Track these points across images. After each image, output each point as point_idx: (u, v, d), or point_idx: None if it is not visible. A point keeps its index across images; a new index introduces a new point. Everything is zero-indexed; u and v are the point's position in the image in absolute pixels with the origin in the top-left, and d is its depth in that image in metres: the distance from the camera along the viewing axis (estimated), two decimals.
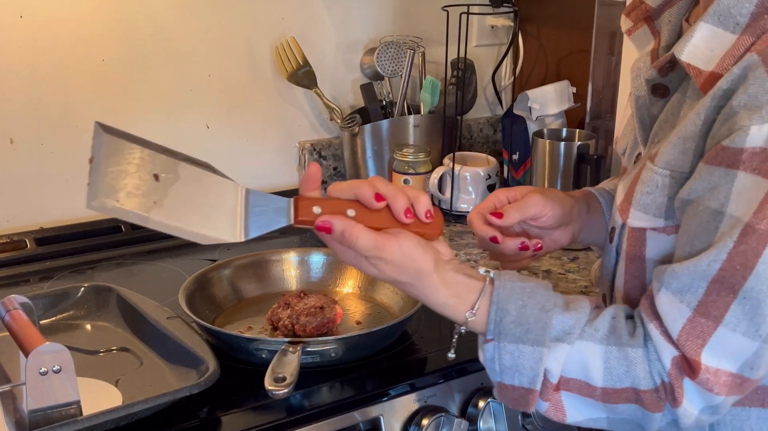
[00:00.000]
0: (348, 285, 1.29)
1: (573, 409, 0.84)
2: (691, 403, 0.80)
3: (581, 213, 1.04)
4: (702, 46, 0.81)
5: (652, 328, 0.82)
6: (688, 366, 0.80)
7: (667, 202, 0.85)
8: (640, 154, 0.93)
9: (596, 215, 1.05)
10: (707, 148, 0.80)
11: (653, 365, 0.81)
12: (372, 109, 1.71)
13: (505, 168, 1.71)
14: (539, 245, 0.99)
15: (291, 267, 1.30)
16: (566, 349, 0.83)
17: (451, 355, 0.91)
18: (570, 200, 1.02)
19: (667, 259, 0.86)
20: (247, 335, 1.13)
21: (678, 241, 0.83)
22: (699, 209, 0.79)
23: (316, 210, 0.84)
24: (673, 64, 0.86)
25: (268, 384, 0.95)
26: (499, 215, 0.97)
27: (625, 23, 0.96)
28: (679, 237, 0.83)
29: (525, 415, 1.13)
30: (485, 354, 0.85)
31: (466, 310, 0.85)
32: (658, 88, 0.89)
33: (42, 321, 1.11)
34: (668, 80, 0.88)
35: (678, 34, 0.90)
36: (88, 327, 1.17)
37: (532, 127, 1.73)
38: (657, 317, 0.82)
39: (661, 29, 0.90)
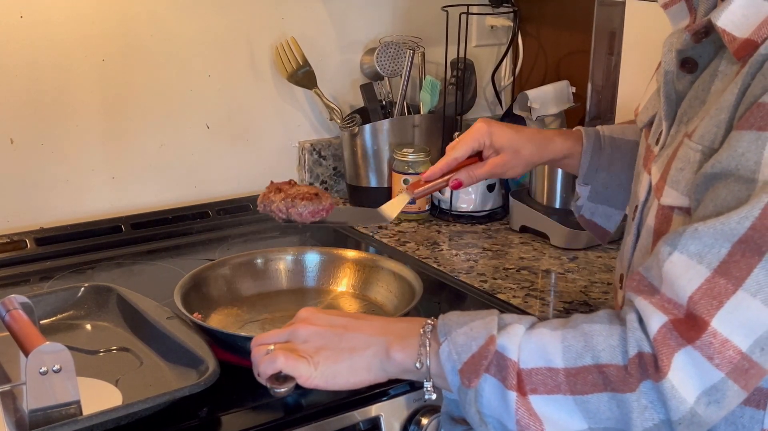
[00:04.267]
0: (342, 284, 1.29)
1: (547, 414, 0.80)
2: (682, 382, 0.74)
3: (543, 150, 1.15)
4: (738, 13, 0.81)
5: (640, 300, 0.79)
6: (690, 327, 0.75)
7: (694, 179, 0.83)
8: (662, 132, 0.92)
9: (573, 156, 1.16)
10: (738, 114, 0.78)
11: (631, 334, 0.77)
12: (372, 109, 1.72)
13: None
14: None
15: (286, 266, 1.30)
16: (520, 329, 0.82)
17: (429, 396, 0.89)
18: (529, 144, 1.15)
19: None
20: (245, 334, 1.13)
21: (700, 212, 0.79)
22: (729, 181, 0.77)
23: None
24: (708, 32, 0.85)
25: (270, 382, 0.93)
26: (457, 186, 1.14)
27: None
28: (703, 207, 0.79)
29: None
30: (441, 356, 0.84)
31: (420, 326, 0.88)
32: (687, 62, 0.88)
33: (42, 321, 1.11)
34: (698, 54, 0.87)
35: None
36: (88, 327, 1.17)
37: (531, 127, 1.73)
38: (649, 290, 0.79)
39: (698, 6, 0.89)
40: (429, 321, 0.89)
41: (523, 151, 1.14)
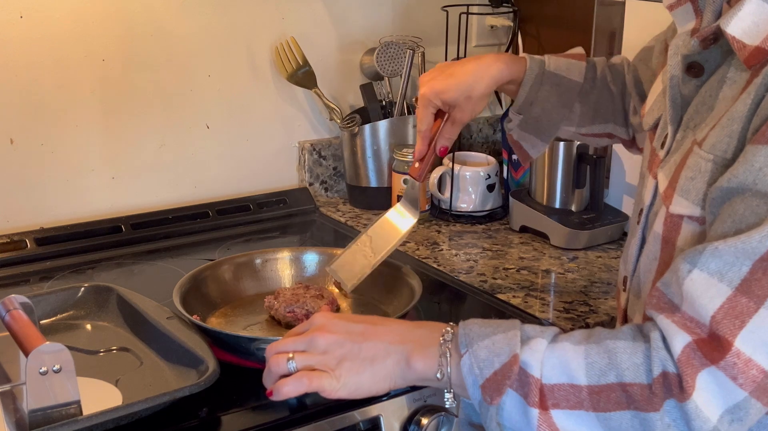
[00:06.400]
0: None
1: (569, 429, 0.80)
2: (706, 401, 0.75)
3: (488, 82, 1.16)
4: (748, 20, 0.80)
5: (663, 318, 0.79)
6: (713, 348, 0.74)
7: (706, 188, 0.82)
8: (667, 135, 0.92)
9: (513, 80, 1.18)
10: (753, 127, 0.78)
11: (655, 353, 0.77)
12: (372, 109, 1.72)
13: (505, 168, 1.71)
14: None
15: (285, 266, 1.30)
16: (542, 344, 0.82)
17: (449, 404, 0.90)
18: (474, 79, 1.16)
19: None
20: (247, 335, 1.13)
21: (717, 227, 0.79)
22: (747, 196, 0.76)
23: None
24: (716, 38, 0.85)
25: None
26: (444, 152, 1.19)
27: None
28: (720, 222, 0.79)
29: None
30: (463, 368, 0.84)
31: (440, 333, 0.88)
32: (693, 67, 0.88)
33: (42, 321, 1.11)
34: (705, 58, 0.87)
35: (720, 16, 0.87)
36: (88, 327, 1.17)
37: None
38: (670, 308, 0.79)
39: (705, 8, 0.88)
40: (448, 327, 0.89)
41: (473, 93, 1.15)
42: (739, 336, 0.74)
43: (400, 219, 1.22)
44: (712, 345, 0.75)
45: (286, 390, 0.89)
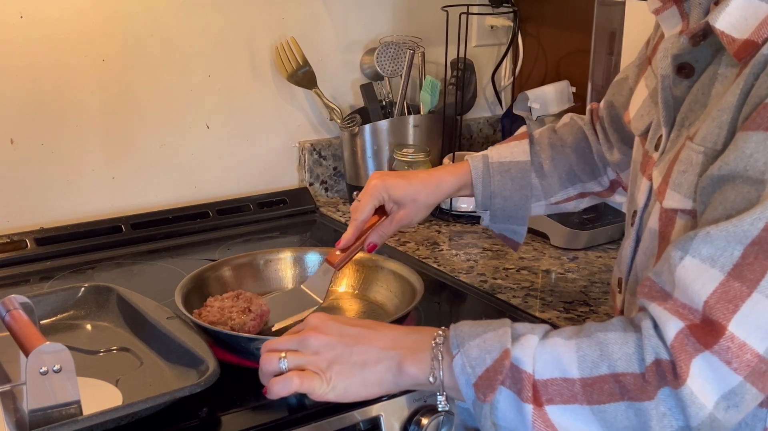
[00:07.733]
0: (343, 284, 1.29)
1: (564, 424, 0.80)
2: (701, 387, 0.74)
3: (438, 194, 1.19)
4: (736, 14, 0.80)
5: (655, 306, 0.79)
6: (707, 333, 0.74)
7: (697, 181, 0.82)
8: (661, 137, 0.92)
9: (464, 191, 1.21)
10: (743, 115, 0.78)
11: (647, 341, 0.77)
12: (372, 109, 1.72)
13: None
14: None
15: (287, 267, 1.30)
16: (534, 340, 0.82)
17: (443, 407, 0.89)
18: (423, 193, 1.18)
19: None
20: (247, 335, 1.13)
21: (709, 214, 0.79)
22: (737, 182, 0.76)
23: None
24: (705, 35, 0.85)
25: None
26: (371, 249, 1.18)
27: (652, 3, 0.93)
28: (711, 209, 0.79)
29: None
30: (455, 369, 0.84)
31: (432, 338, 0.88)
32: (683, 68, 0.88)
33: (42, 321, 1.11)
34: (695, 58, 0.87)
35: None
36: (89, 327, 1.17)
37: (531, 127, 1.73)
38: (662, 296, 0.79)
39: (691, 11, 0.88)
40: (440, 331, 0.89)
41: (420, 198, 1.17)
42: (733, 320, 0.74)
43: (302, 300, 1.16)
44: (706, 330, 0.75)
45: (277, 388, 0.89)
